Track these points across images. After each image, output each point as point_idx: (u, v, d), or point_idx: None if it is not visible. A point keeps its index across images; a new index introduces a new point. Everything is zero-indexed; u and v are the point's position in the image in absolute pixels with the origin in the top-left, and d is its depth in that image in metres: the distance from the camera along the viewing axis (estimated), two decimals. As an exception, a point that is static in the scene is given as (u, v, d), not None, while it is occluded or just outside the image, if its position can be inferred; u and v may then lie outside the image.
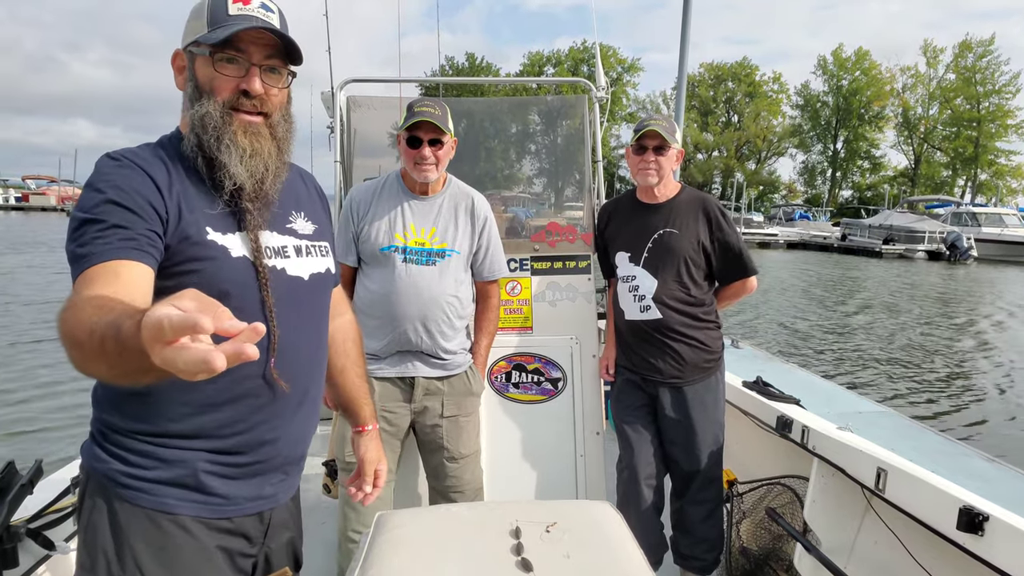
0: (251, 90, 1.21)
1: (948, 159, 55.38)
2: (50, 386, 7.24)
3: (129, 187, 1.12)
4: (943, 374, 9.30)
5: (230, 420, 1.23)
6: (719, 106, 63.37)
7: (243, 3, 1.20)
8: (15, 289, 13.84)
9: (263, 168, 1.23)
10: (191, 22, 1.24)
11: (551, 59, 59.60)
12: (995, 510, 1.58)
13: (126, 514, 1.18)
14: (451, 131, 2.19)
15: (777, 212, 49.12)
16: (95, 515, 1.19)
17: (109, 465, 1.19)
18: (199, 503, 1.22)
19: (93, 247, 1.06)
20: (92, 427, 1.25)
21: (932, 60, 55.78)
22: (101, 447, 1.21)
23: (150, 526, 1.18)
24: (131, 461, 1.19)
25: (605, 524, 1.38)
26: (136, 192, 1.12)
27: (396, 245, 2.19)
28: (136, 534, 1.18)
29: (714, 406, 2.49)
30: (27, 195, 62.04)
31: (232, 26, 1.17)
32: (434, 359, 2.23)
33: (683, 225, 2.44)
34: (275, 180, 1.26)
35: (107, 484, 1.19)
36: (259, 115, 1.24)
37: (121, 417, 1.20)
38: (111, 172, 1.14)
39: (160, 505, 1.19)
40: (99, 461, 1.20)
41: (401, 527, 1.35)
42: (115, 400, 1.18)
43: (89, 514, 1.20)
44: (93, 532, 1.19)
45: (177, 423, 1.19)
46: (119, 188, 1.11)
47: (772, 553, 2.51)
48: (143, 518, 1.18)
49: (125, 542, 1.18)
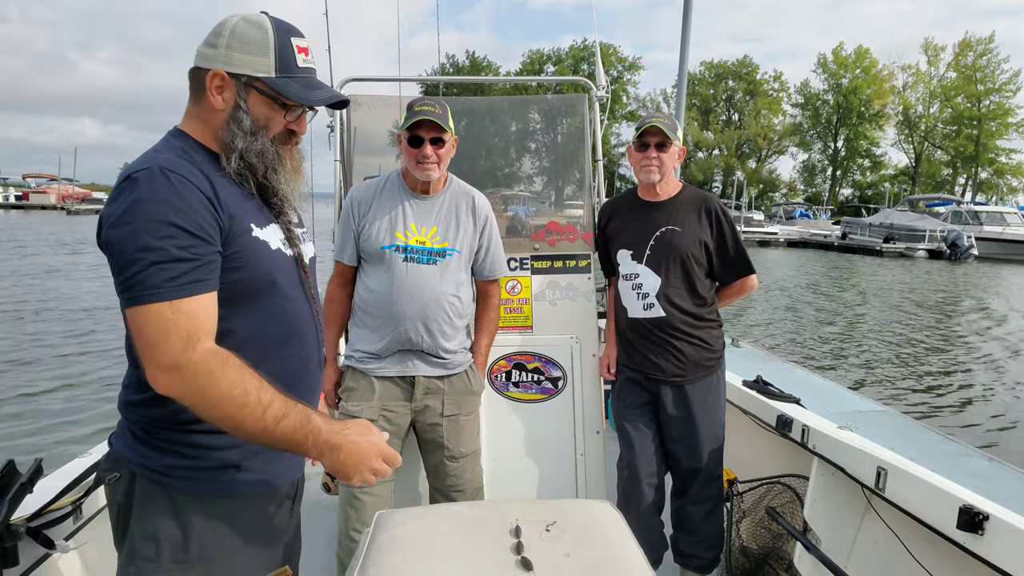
0: (300, 132, 1.39)
1: (949, 157, 55.38)
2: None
3: (193, 211, 1.18)
4: (943, 373, 9.30)
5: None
6: (720, 104, 63.37)
7: (305, 53, 1.35)
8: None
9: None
10: (250, 54, 1.28)
11: (551, 57, 59.56)
12: (995, 509, 1.58)
13: (184, 502, 1.26)
14: (452, 129, 2.19)
15: (777, 210, 49.17)
16: (149, 508, 1.26)
17: (161, 460, 1.26)
18: (250, 481, 1.33)
19: (176, 278, 1.15)
20: (132, 428, 1.30)
21: (933, 58, 55.79)
22: (148, 445, 1.27)
23: (209, 509, 1.28)
24: (185, 454, 1.27)
25: (605, 523, 1.38)
26: (200, 216, 1.19)
27: (397, 244, 2.18)
28: (196, 518, 1.27)
29: (715, 405, 2.49)
30: (27, 193, 62.09)
31: (319, 95, 1.35)
32: (434, 358, 2.23)
33: (685, 223, 2.44)
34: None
35: (160, 478, 1.26)
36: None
37: (172, 413, 1.25)
38: (170, 194, 1.17)
39: (216, 489, 1.29)
40: (148, 458, 1.27)
41: (401, 526, 1.35)
42: (164, 399, 1.21)
43: (141, 507, 1.26)
44: (151, 524, 1.26)
45: None
46: (186, 214, 1.17)
47: (772, 552, 2.51)
48: (201, 503, 1.28)
49: (187, 527, 1.26)
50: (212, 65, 1.28)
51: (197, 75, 1.30)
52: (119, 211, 1.16)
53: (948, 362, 9.98)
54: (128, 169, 1.21)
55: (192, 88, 1.32)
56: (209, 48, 1.29)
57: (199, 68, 1.30)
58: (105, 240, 1.18)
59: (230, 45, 1.28)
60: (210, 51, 1.29)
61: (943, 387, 8.58)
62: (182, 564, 1.26)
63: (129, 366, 1.30)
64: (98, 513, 2.01)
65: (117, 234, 1.15)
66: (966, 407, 7.74)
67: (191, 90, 1.33)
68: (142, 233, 1.14)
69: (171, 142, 1.30)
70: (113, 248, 1.16)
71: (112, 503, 1.31)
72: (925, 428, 2.85)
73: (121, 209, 1.15)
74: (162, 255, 1.14)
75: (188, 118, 1.33)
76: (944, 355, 10.42)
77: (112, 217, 1.16)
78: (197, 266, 1.17)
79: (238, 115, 1.29)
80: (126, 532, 1.29)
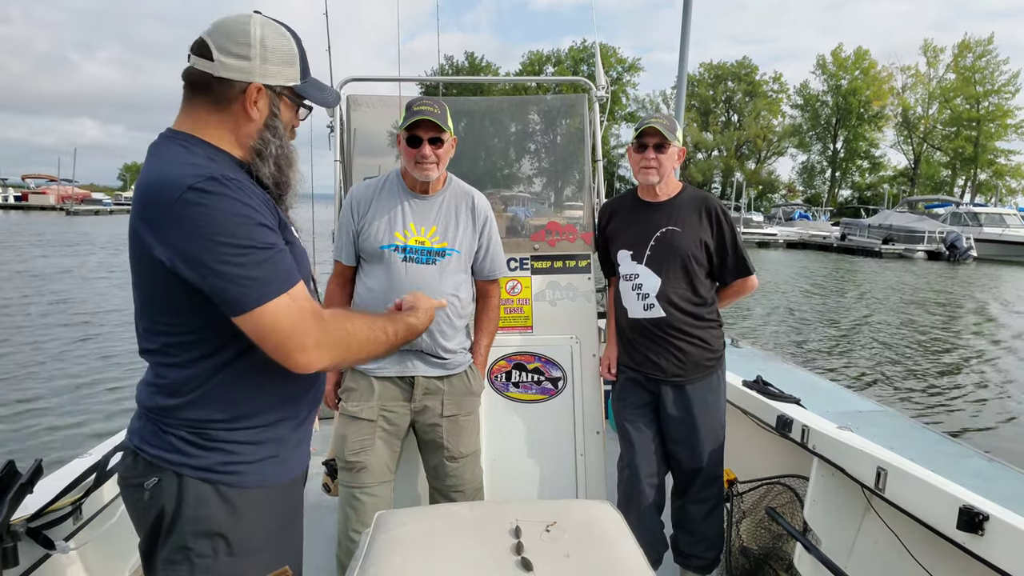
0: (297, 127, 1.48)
1: (948, 159, 55.42)
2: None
3: (266, 209, 1.27)
4: (943, 373, 9.31)
5: (305, 390, 1.42)
6: (719, 106, 63.40)
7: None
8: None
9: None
10: (281, 65, 1.33)
11: (550, 58, 59.59)
12: (995, 510, 1.58)
13: (232, 496, 1.30)
14: (451, 129, 2.18)
15: (777, 212, 49.14)
16: (202, 506, 1.28)
17: (210, 459, 1.29)
18: (283, 470, 1.39)
19: (286, 269, 1.26)
20: (174, 431, 1.29)
21: (932, 60, 55.85)
22: (196, 445, 1.29)
23: (253, 500, 1.32)
24: (231, 450, 1.30)
25: (605, 523, 1.38)
26: (270, 213, 1.28)
27: (396, 244, 2.18)
28: (245, 511, 1.31)
29: (716, 405, 2.49)
30: (26, 194, 62.08)
31: (330, 96, 1.45)
32: (434, 358, 2.23)
33: (685, 223, 2.44)
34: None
35: (209, 476, 1.29)
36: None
37: (216, 412, 1.29)
38: (246, 197, 1.23)
39: (259, 481, 1.33)
40: (196, 458, 1.29)
41: (401, 527, 1.35)
42: (206, 400, 1.28)
43: (194, 507, 1.28)
44: (205, 522, 1.28)
45: (276, 410, 1.36)
46: (262, 213, 1.25)
47: (772, 552, 2.51)
48: (246, 495, 1.32)
49: (238, 521, 1.30)
50: (249, 79, 1.29)
51: (223, 85, 1.29)
52: (205, 224, 1.17)
53: (948, 362, 9.98)
54: (177, 182, 1.18)
55: (216, 97, 1.30)
56: (240, 60, 1.28)
57: (226, 79, 1.28)
58: (196, 256, 1.17)
59: (265, 58, 1.30)
60: (243, 63, 1.29)
61: (943, 387, 8.58)
62: (237, 556, 1.31)
63: (161, 370, 1.30)
64: (98, 513, 2.01)
65: (212, 246, 1.17)
66: (966, 407, 7.74)
67: (214, 99, 1.30)
68: (241, 239, 1.19)
69: (193, 149, 1.27)
70: (209, 260, 1.17)
71: (150, 507, 1.30)
72: (925, 428, 2.86)
73: (208, 221, 1.17)
74: (265, 254, 1.21)
75: (204, 124, 1.31)
76: (944, 355, 10.42)
77: (198, 231, 1.16)
78: (287, 254, 1.28)
79: (274, 123, 1.35)
80: (171, 534, 1.29)
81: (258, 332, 1.22)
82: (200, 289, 1.20)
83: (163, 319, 1.27)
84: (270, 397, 1.35)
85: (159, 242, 1.19)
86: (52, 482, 1.85)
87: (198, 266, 1.18)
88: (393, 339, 1.44)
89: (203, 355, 1.28)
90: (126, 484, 1.34)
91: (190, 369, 1.27)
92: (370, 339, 1.37)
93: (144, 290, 1.28)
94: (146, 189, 1.22)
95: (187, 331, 1.27)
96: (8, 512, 1.56)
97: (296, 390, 1.40)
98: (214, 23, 1.31)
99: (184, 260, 1.18)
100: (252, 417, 1.32)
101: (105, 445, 2.24)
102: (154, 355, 1.31)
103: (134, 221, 1.24)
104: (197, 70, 1.29)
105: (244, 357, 1.30)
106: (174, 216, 1.17)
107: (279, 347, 1.23)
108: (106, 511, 2.05)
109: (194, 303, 1.23)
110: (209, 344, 1.27)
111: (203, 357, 1.28)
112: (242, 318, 1.21)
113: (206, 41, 1.29)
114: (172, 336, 1.27)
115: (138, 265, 1.26)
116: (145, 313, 1.30)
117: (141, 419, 1.34)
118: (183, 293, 1.21)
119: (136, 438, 1.33)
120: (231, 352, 1.29)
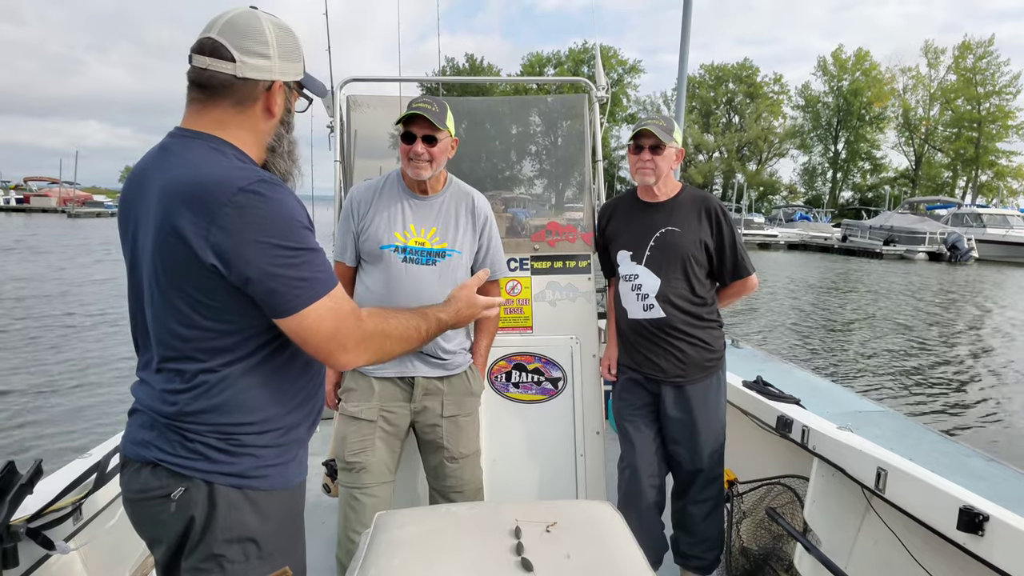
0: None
1: (949, 160, 55.34)
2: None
3: (304, 211, 1.28)
4: (943, 374, 9.30)
5: (316, 391, 1.45)
6: (720, 107, 63.36)
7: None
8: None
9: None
10: (292, 60, 1.35)
11: (551, 60, 59.59)
12: (995, 510, 1.58)
13: (258, 499, 1.31)
14: (449, 129, 2.17)
15: (778, 213, 49.11)
16: (235, 512, 1.28)
17: (241, 464, 1.29)
18: (300, 471, 1.42)
19: (329, 271, 1.28)
20: (201, 438, 1.26)
21: (933, 61, 55.82)
22: (226, 452, 1.28)
23: (277, 502, 1.34)
24: (258, 454, 1.31)
25: (605, 524, 1.38)
26: (307, 214, 1.30)
27: (396, 244, 2.18)
28: (272, 513, 1.33)
29: (716, 405, 2.49)
30: (28, 196, 62.12)
31: (319, 86, 1.45)
32: (434, 359, 2.23)
33: (685, 224, 2.44)
34: None
35: (239, 481, 1.29)
36: None
37: (250, 416, 1.30)
38: (289, 199, 1.25)
39: (282, 483, 1.35)
40: (226, 464, 1.28)
41: (401, 527, 1.35)
42: (241, 404, 1.28)
43: (227, 514, 1.27)
44: (238, 528, 1.28)
45: (296, 411, 1.37)
46: (304, 215, 1.27)
47: (772, 553, 2.51)
48: (271, 498, 1.33)
49: (266, 524, 1.31)
50: (271, 77, 1.30)
51: (247, 85, 1.28)
52: (258, 226, 1.17)
53: (947, 363, 9.97)
54: (225, 184, 1.17)
55: (239, 98, 1.29)
56: (262, 59, 1.28)
57: (250, 79, 1.27)
58: (249, 258, 1.17)
59: (281, 56, 1.31)
60: (264, 62, 1.28)
61: (943, 388, 8.57)
62: (266, 559, 1.31)
63: (186, 375, 1.25)
64: (98, 514, 2.01)
65: (266, 248, 1.17)
66: (966, 408, 7.73)
67: (237, 99, 1.29)
68: (293, 241, 1.21)
69: (224, 151, 1.26)
70: (263, 262, 1.17)
71: (176, 518, 1.26)
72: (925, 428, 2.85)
73: (261, 223, 1.17)
74: (312, 256, 1.23)
75: (224, 125, 1.29)
76: (943, 356, 10.41)
77: (252, 233, 1.16)
78: (325, 255, 1.29)
79: (288, 119, 1.39)
80: (200, 543, 1.26)
81: (302, 333, 1.23)
82: (244, 290, 1.19)
83: (195, 322, 1.22)
84: (292, 399, 1.36)
85: (205, 243, 1.16)
86: (52, 482, 1.85)
87: (250, 268, 1.17)
88: (425, 336, 1.46)
89: (235, 358, 1.26)
90: (145, 499, 1.28)
91: (219, 372, 1.25)
92: (404, 337, 1.40)
93: (169, 293, 1.22)
94: (187, 189, 1.18)
95: (220, 333, 1.24)
96: (8, 512, 1.56)
97: (311, 391, 1.42)
98: (220, 23, 1.27)
99: (235, 261, 1.17)
100: (277, 420, 1.33)
101: (105, 445, 2.24)
102: (177, 361, 1.25)
103: (166, 221, 1.19)
104: (216, 71, 1.25)
105: (270, 359, 1.30)
106: (225, 218, 1.16)
107: (321, 347, 1.25)
108: (106, 511, 2.05)
109: (232, 303, 1.21)
110: (242, 347, 1.26)
111: (235, 360, 1.26)
112: (287, 320, 1.22)
113: (221, 42, 1.25)
114: (203, 340, 1.24)
115: (168, 266, 1.21)
116: (169, 317, 1.24)
117: (155, 429, 1.27)
118: (223, 294, 1.20)
119: (153, 450, 1.27)
120: (261, 354, 1.29)
